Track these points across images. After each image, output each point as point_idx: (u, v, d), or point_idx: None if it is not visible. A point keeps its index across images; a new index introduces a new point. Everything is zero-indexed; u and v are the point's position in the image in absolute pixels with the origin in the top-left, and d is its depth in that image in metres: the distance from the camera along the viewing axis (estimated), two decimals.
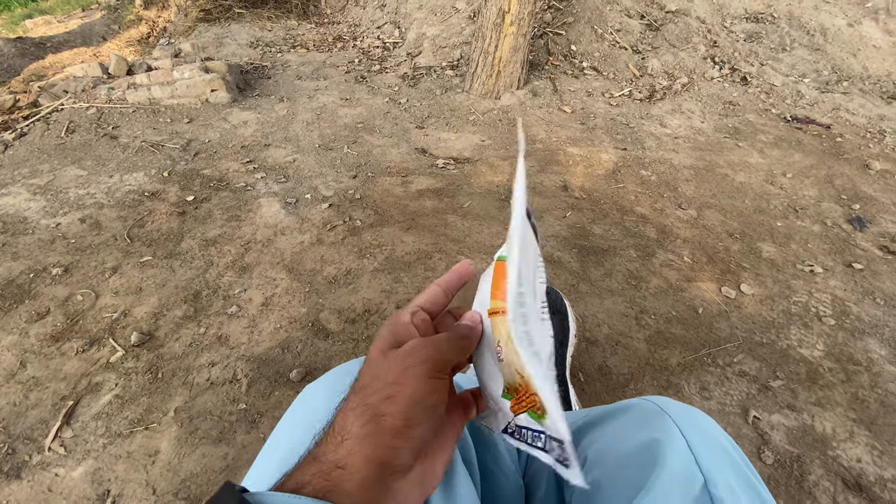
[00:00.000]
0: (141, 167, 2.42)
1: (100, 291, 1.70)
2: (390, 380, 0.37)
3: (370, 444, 0.34)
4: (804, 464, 1.29)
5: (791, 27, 4.07)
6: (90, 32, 5.51)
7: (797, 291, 1.86)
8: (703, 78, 3.60)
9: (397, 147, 2.75)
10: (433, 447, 0.40)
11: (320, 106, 3.16)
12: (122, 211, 2.10)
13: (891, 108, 3.45)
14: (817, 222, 2.30)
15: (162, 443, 1.25)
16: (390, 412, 0.35)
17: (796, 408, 1.43)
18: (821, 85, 3.68)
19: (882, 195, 2.53)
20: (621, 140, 2.92)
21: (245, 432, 1.27)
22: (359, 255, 1.90)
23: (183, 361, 1.45)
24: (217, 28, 4.52)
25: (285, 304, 1.66)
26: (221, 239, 1.95)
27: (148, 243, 1.92)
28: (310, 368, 1.43)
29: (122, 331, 1.55)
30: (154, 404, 1.34)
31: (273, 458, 0.45)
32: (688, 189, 2.48)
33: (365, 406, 0.36)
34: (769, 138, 3.03)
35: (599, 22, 3.79)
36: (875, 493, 1.23)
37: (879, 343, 1.67)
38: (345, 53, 4.09)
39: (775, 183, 2.59)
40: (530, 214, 0.43)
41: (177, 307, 1.63)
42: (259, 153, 2.62)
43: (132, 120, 2.83)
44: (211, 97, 3.10)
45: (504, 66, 3.18)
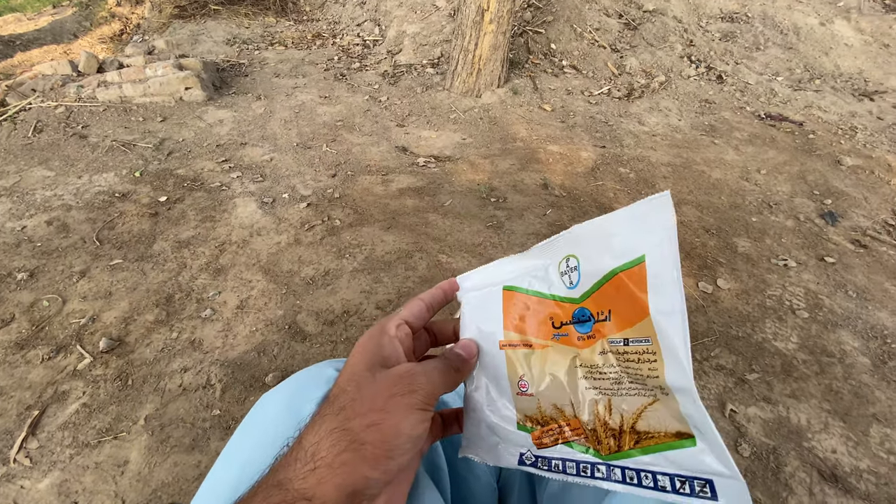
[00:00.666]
0: (111, 167, 2.35)
1: (67, 296, 1.64)
2: (377, 406, 0.34)
3: (344, 473, 0.32)
4: (780, 456, 1.31)
5: (765, 26, 4.15)
6: (61, 30, 5.33)
7: (772, 285, 1.89)
8: (680, 76, 3.65)
9: (377, 145, 2.72)
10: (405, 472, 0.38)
11: (299, 104, 3.11)
12: (92, 213, 2.03)
13: (862, 105, 3.55)
14: (791, 217, 2.34)
15: (131, 452, 1.21)
16: (372, 441, 0.33)
17: (772, 400, 1.45)
18: (794, 83, 3.76)
19: (853, 190, 2.60)
20: (600, 138, 2.94)
21: (219, 439, 1.24)
22: (338, 255, 1.87)
23: (154, 367, 1.41)
24: (192, 25, 4.42)
25: (261, 307, 1.62)
26: (195, 240, 1.90)
27: (118, 246, 1.86)
28: (286, 372, 1.40)
29: (90, 337, 1.50)
30: (123, 412, 1.30)
31: (226, 476, 0.43)
32: (665, 186, 2.51)
33: (344, 431, 0.33)
34: (744, 135, 3.08)
35: (578, 21, 3.81)
36: (850, 484, 1.25)
37: (852, 335, 1.71)
38: (324, 51, 4.03)
39: (750, 179, 2.63)
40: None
41: (148, 311, 1.58)
42: (235, 152, 2.56)
43: (102, 119, 2.75)
44: (185, 95, 3.02)
45: (484, 65, 3.17)
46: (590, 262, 0.37)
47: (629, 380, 0.36)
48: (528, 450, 0.40)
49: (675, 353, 0.33)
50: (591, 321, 0.38)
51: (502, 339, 0.41)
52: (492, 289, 0.43)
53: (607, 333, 0.37)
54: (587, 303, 0.38)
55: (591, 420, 0.38)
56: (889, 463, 1.31)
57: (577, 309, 0.38)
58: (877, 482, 1.26)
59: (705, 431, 0.33)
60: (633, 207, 0.35)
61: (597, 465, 0.37)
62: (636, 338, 0.35)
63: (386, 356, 0.38)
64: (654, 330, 0.34)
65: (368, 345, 0.40)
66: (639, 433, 0.36)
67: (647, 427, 0.35)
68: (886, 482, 1.26)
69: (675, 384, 0.33)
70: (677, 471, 0.34)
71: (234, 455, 0.44)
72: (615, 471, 0.36)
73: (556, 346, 0.39)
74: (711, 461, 0.32)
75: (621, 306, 0.36)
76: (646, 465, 0.35)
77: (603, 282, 0.37)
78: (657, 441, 0.35)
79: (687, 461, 0.34)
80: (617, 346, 0.36)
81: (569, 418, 0.38)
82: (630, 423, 0.36)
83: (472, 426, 0.44)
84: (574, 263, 0.38)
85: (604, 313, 0.37)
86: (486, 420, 0.42)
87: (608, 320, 0.36)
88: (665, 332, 0.33)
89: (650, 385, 0.35)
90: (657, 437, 0.35)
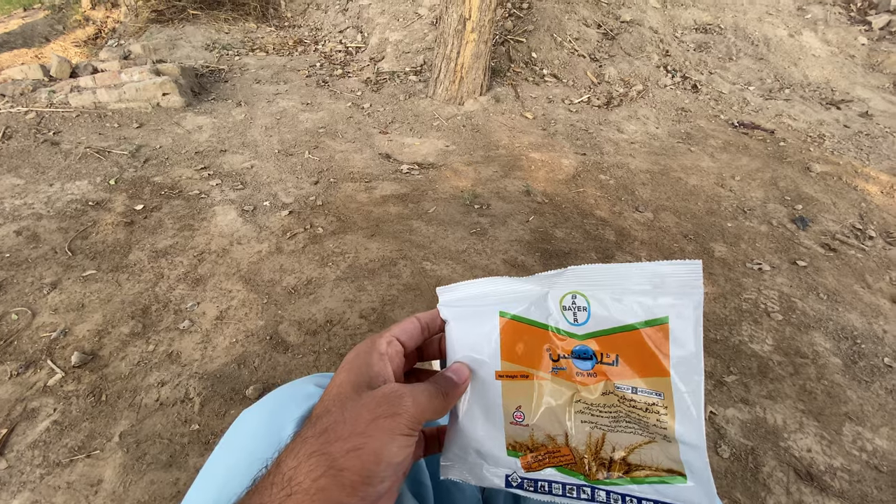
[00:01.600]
0: (85, 175, 2.28)
1: (37, 309, 1.58)
2: (358, 429, 0.33)
3: (320, 500, 0.30)
4: (758, 456, 1.34)
5: (737, 38, 4.30)
6: (32, 33, 5.19)
7: (747, 289, 1.94)
8: (657, 85, 3.74)
9: (360, 152, 2.71)
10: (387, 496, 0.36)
11: (280, 110, 3.08)
12: (63, 222, 1.97)
13: (829, 113, 3.69)
14: (764, 222, 2.41)
15: (105, 471, 1.17)
16: (351, 467, 0.31)
17: (749, 401, 1.49)
18: (765, 92, 3.89)
19: (823, 196, 2.69)
20: (581, 145, 2.99)
21: (198, 455, 1.21)
22: (320, 263, 1.85)
23: (129, 382, 1.37)
24: (170, 29, 4.35)
25: (241, 317, 1.59)
26: (173, 250, 1.86)
27: (91, 256, 1.81)
28: (268, 384, 1.37)
29: (61, 351, 1.45)
30: (97, 429, 1.25)
31: (203, 498, 0.41)
32: (644, 192, 2.56)
33: (323, 455, 0.32)
34: (719, 143, 3.17)
35: (559, 30, 3.88)
36: (825, 482, 1.29)
37: (824, 336, 1.76)
38: (306, 57, 4.01)
39: (725, 185, 2.71)
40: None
41: (123, 324, 1.54)
42: (214, 159, 2.52)
43: (75, 125, 2.67)
44: (163, 101, 2.97)
45: (466, 73, 3.20)
46: (604, 308, 0.37)
47: (628, 421, 0.37)
48: (514, 472, 0.40)
49: (689, 414, 0.35)
50: (593, 360, 0.38)
51: (499, 370, 0.40)
52: (483, 310, 0.41)
53: (613, 378, 0.37)
54: (591, 342, 0.38)
55: (582, 449, 0.38)
56: (861, 461, 1.35)
57: (579, 345, 0.38)
58: (850, 480, 1.30)
59: (699, 476, 0.35)
60: (661, 266, 0.36)
61: (583, 487, 0.38)
62: (648, 389, 0.36)
63: (374, 375, 0.37)
64: (671, 389, 0.35)
65: (356, 362, 0.38)
66: (629, 465, 0.37)
67: (639, 461, 0.37)
68: (859, 479, 1.30)
69: (685, 440, 0.35)
70: (661, 499, 0.36)
71: (211, 477, 0.43)
72: (600, 493, 0.37)
73: (554, 378, 0.39)
74: (699, 497, 0.35)
75: (635, 357, 0.37)
76: (631, 491, 0.37)
77: (616, 330, 0.37)
78: (647, 474, 0.36)
79: (673, 493, 0.36)
80: (624, 391, 0.37)
81: (560, 446, 0.39)
82: (622, 455, 0.37)
83: (457, 449, 0.42)
84: (583, 303, 0.38)
85: (610, 357, 0.37)
86: (475, 446, 0.42)
87: (615, 365, 0.37)
88: (683, 395, 0.35)
89: (652, 431, 0.36)
90: (647, 470, 0.36)
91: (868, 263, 2.19)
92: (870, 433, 1.43)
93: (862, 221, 2.50)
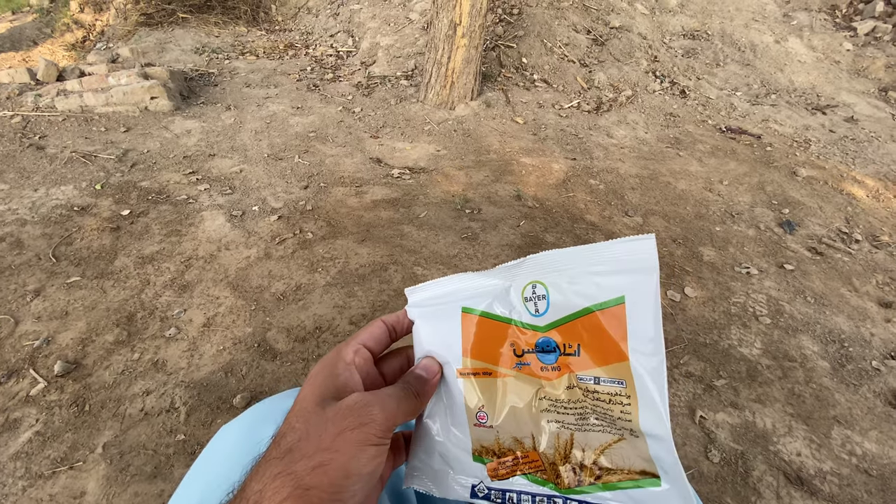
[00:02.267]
0: (70, 180, 2.25)
1: (19, 317, 1.55)
2: (324, 445, 0.31)
3: None
4: (748, 460, 1.34)
5: (724, 44, 4.35)
6: (20, 36, 5.13)
7: (736, 293, 1.96)
8: (646, 91, 3.77)
9: (351, 157, 2.70)
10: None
11: (270, 114, 3.06)
12: (48, 228, 1.94)
13: (815, 118, 3.74)
14: (752, 226, 2.44)
15: (89, 483, 1.14)
16: (318, 485, 0.30)
17: (739, 405, 1.49)
18: (752, 97, 3.95)
19: (809, 200, 2.73)
20: (571, 150, 3.00)
21: (184, 465, 1.18)
22: (310, 269, 1.83)
23: (114, 391, 1.34)
24: (159, 33, 4.32)
25: (229, 324, 1.57)
26: (160, 256, 1.84)
27: (76, 262, 1.78)
28: (255, 392, 1.35)
29: (44, 360, 1.42)
30: (80, 440, 1.23)
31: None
32: (634, 197, 2.58)
33: (289, 475, 0.30)
34: (707, 148, 3.20)
35: (549, 36, 3.90)
36: (815, 486, 1.29)
37: (812, 339, 1.78)
38: (296, 61, 4.00)
39: (713, 190, 2.73)
40: None
41: (108, 332, 1.51)
42: (203, 164, 2.50)
43: (61, 129, 2.64)
44: (151, 105, 2.94)
45: (457, 78, 3.21)
46: (560, 293, 0.36)
47: (595, 417, 0.35)
48: (481, 481, 0.38)
49: (652, 400, 0.33)
50: (556, 352, 0.36)
51: (460, 367, 0.39)
52: (447, 307, 0.40)
53: (575, 369, 0.35)
54: (553, 333, 0.36)
55: (550, 453, 0.36)
56: (851, 464, 1.36)
57: (542, 338, 0.36)
58: (840, 483, 1.31)
59: (673, 476, 0.32)
60: (614, 244, 0.34)
61: (553, 499, 0.36)
62: (609, 378, 0.34)
63: (340, 386, 0.36)
64: (631, 375, 0.33)
65: (321, 375, 0.36)
66: (601, 468, 0.35)
67: (610, 463, 0.34)
68: (849, 483, 1.31)
69: (649, 430, 0.33)
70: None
71: (187, 495, 0.42)
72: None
73: (518, 375, 0.38)
74: (674, 503, 0.32)
75: (594, 344, 0.34)
76: (604, 500, 0.35)
77: (575, 316, 0.35)
78: (619, 478, 0.34)
79: (648, 499, 0.33)
80: (586, 383, 0.35)
81: (527, 450, 0.37)
82: (592, 459, 0.35)
83: (422, 454, 0.41)
84: (542, 291, 0.36)
85: (572, 347, 0.35)
86: (439, 449, 0.40)
87: (576, 355, 0.35)
88: (643, 379, 0.33)
89: (619, 426, 0.34)
90: (619, 474, 0.34)
91: (854, 267, 2.21)
92: (859, 437, 1.44)
93: (848, 225, 2.54)
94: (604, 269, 0.34)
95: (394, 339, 0.42)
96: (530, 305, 0.37)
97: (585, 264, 0.35)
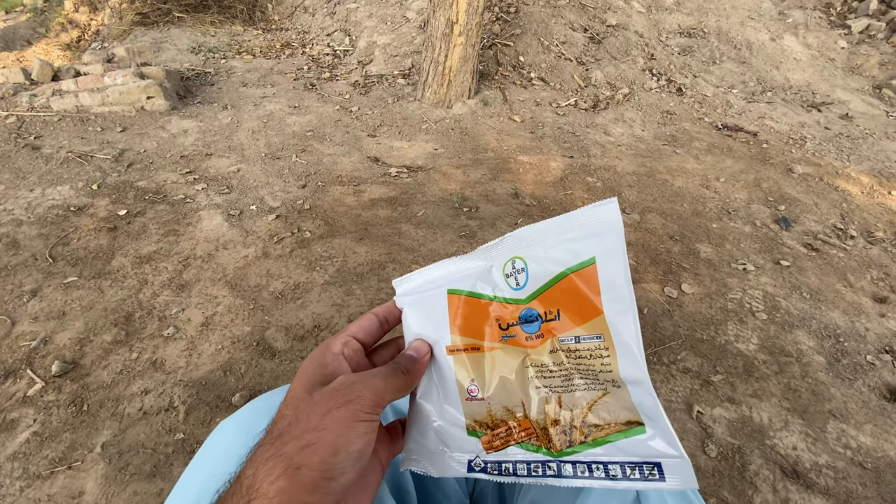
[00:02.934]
0: (66, 180, 2.24)
1: (16, 317, 1.54)
2: (311, 425, 0.32)
3: (281, 503, 0.29)
4: (745, 454, 1.35)
5: (720, 42, 4.37)
6: (14, 36, 5.11)
7: (732, 289, 1.97)
8: (643, 89, 3.78)
9: (349, 155, 2.70)
10: (355, 490, 0.36)
11: (267, 114, 3.06)
12: (44, 228, 1.93)
13: (810, 115, 3.76)
14: (748, 223, 2.45)
15: (87, 483, 1.14)
16: (308, 464, 0.30)
17: (735, 400, 1.50)
18: (748, 95, 3.96)
19: (805, 196, 2.74)
20: (568, 148, 3.01)
21: (183, 464, 1.18)
22: (308, 267, 1.83)
23: (112, 391, 1.34)
24: (155, 32, 4.30)
25: (227, 323, 1.57)
26: (157, 255, 1.83)
27: (73, 262, 1.77)
28: (254, 391, 1.35)
29: (41, 360, 1.41)
30: (78, 440, 1.23)
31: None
32: (631, 194, 2.58)
33: (280, 457, 0.31)
34: (703, 145, 3.21)
35: (545, 34, 3.91)
36: (811, 480, 1.30)
37: (807, 335, 1.79)
38: (293, 60, 3.99)
39: (710, 187, 2.74)
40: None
41: (105, 331, 1.51)
42: (200, 163, 2.49)
43: (57, 129, 2.63)
44: (147, 104, 2.93)
45: (454, 76, 3.21)
46: (538, 264, 0.38)
47: (580, 376, 0.37)
48: (476, 455, 0.40)
49: (628, 347, 0.35)
50: (538, 321, 0.38)
51: (449, 345, 0.40)
52: (434, 292, 0.41)
53: (557, 332, 0.37)
54: (534, 303, 0.38)
55: (541, 419, 0.38)
56: (846, 458, 1.37)
57: (524, 310, 0.38)
58: (835, 477, 1.32)
59: (655, 418, 0.34)
60: (581, 212, 0.37)
61: (548, 464, 0.37)
62: (588, 335, 0.36)
63: (328, 375, 0.36)
64: (607, 327, 0.35)
65: (310, 367, 0.37)
66: (589, 427, 0.36)
67: (598, 420, 0.36)
68: (844, 476, 1.32)
69: (628, 377, 0.35)
70: (627, 458, 0.35)
71: (185, 490, 0.42)
72: (566, 467, 0.37)
73: (505, 347, 0.39)
74: (659, 445, 0.34)
75: (572, 305, 0.37)
76: (596, 456, 0.36)
77: (552, 283, 0.37)
78: (607, 432, 0.36)
79: (636, 448, 0.35)
80: (568, 343, 0.37)
81: (519, 419, 0.39)
82: (581, 418, 0.37)
83: (417, 435, 0.42)
84: (521, 265, 0.38)
85: (552, 312, 0.37)
86: (434, 427, 0.41)
87: (557, 319, 0.37)
88: (618, 328, 0.35)
89: (602, 379, 0.36)
90: (607, 428, 0.36)
91: (850, 263, 2.23)
92: (854, 430, 1.45)
93: (843, 221, 2.55)
94: (574, 236, 0.36)
95: (386, 330, 0.43)
96: (511, 280, 0.39)
97: (557, 233, 0.37)
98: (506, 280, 0.39)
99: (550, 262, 0.37)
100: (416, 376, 0.39)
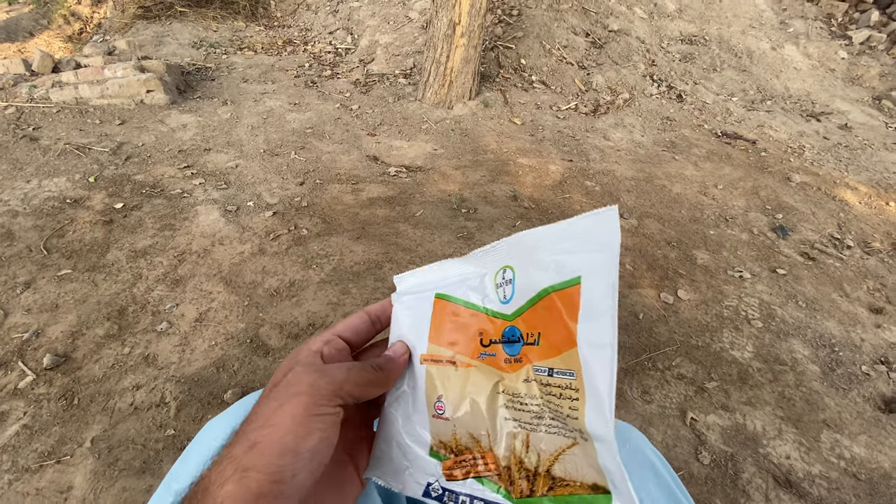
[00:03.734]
0: (63, 172, 2.23)
1: (9, 309, 1.53)
2: (259, 423, 0.29)
3: None
4: (738, 462, 1.35)
5: (721, 49, 4.38)
6: (16, 27, 5.08)
7: (728, 296, 1.97)
8: (643, 94, 3.79)
9: (348, 154, 2.69)
10: (324, 497, 0.33)
11: (267, 110, 3.05)
12: (40, 219, 1.92)
13: (809, 125, 3.77)
14: (745, 231, 2.45)
15: (76, 477, 1.13)
16: (254, 465, 0.27)
17: (729, 408, 1.50)
18: (747, 103, 3.97)
19: (802, 205, 2.75)
20: (568, 152, 3.01)
21: (173, 461, 1.17)
22: (304, 265, 1.83)
23: (103, 385, 1.33)
24: (157, 26, 4.29)
25: (221, 320, 1.56)
26: (152, 250, 1.82)
27: (68, 255, 1.76)
28: (247, 388, 1.34)
29: (33, 353, 1.40)
30: (68, 434, 1.21)
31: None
32: (629, 199, 2.59)
33: (230, 459, 0.28)
34: (702, 152, 3.22)
35: (547, 38, 3.91)
36: (804, 489, 1.30)
37: (802, 343, 1.79)
38: (295, 57, 3.98)
39: (708, 194, 2.75)
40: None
41: (98, 325, 1.50)
42: (198, 158, 2.48)
43: (56, 121, 2.61)
44: (147, 98, 2.92)
45: (456, 77, 3.21)
46: (525, 276, 0.33)
47: (550, 416, 0.32)
48: (436, 480, 0.36)
49: (597, 394, 0.28)
50: (520, 342, 0.33)
51: (424, 353, 0.37)
52: (425, 294, 0.39)
53: (534, 359, 0.32)
54: (518, 321, 0.34)
55: (506, 456, 0.34)
56: (839, 468, 1.37)
57: (508, 327, 0.34)
58: (828, 487, 1.32)
59: (621, 489, 0.29)
60: (577, 220, 0.31)
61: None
62: (561, 369, 0.31)
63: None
64: (579, 363, 0.29)
65: (284, 364, 0.35)
66: (554, 478, 0.32)
67: (564, 473, 0.31)
68: (838, 487, 1.32)
69: (594, 431, 0.29)
70: None
71: (170, 489, 0.41)
72: None
73: (480, 366, 0.35)
74: None
75: (551, 330, 0.31)
76: None
77: (535, 300, 0.32)
78: (572, 490, 0.31)
79: None
80: (541, 375, 0.32)
81: (484, 450, 0.35)
82: (546, 466, 0.32)
83: (383, 443, 0.39)
84: (510, 276, 0.34)
85: (533, 335, 0.32)
86: (398, 439, 0.38)
87: (536, 344, 0.32)
88: (591, 367, 0.29)
89: (570, 426, 0.30)
90: (572, 486, 0.31)
91: (846, 272, 2.23)
92: (847, 440, 1.45)
93: (840, 231, 2.56)
94: (567, 247, 0.31)
95: (378, 330, 0.41)
96: (500, 292, 0.35)
97: (553, 241, 0.32)
98: (496, 290, 0.35)
99: (536, 275, 0.32)
100: (391, 375, 0.36)
